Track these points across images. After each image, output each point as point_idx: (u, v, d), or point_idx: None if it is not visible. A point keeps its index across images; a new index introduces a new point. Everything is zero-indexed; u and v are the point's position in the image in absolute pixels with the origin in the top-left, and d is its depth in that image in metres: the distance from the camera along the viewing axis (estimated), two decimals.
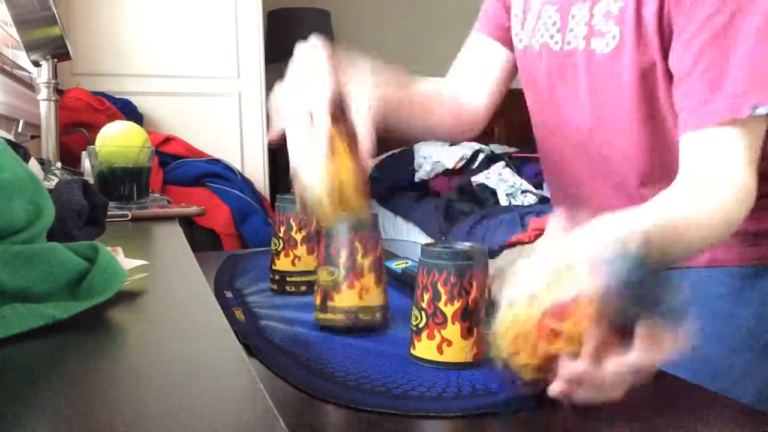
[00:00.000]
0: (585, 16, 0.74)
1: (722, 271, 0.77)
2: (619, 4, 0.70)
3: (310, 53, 0.62)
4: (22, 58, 1.75)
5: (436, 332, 0.53)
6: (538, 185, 2.59)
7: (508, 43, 0.89)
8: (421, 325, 0.54)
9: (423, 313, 0.53)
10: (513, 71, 0.90)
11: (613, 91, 0.73)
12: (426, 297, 0.53)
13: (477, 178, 2.66)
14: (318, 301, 0.63)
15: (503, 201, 2.57)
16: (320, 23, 3.34)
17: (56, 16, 1.41)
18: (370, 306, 0.62)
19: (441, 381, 0.50)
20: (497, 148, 2.92)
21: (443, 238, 2.50)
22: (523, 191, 2.58)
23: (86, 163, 1.43)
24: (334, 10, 3.47)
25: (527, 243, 2.20)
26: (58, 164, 1.46)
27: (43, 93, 1.54)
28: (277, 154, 2.80)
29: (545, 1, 0.79)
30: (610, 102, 0.74)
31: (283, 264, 0.77)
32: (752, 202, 0.64)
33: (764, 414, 0.47)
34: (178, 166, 2.14)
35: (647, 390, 0.51)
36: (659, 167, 0.74)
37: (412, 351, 0.55)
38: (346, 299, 0.62)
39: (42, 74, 1.53)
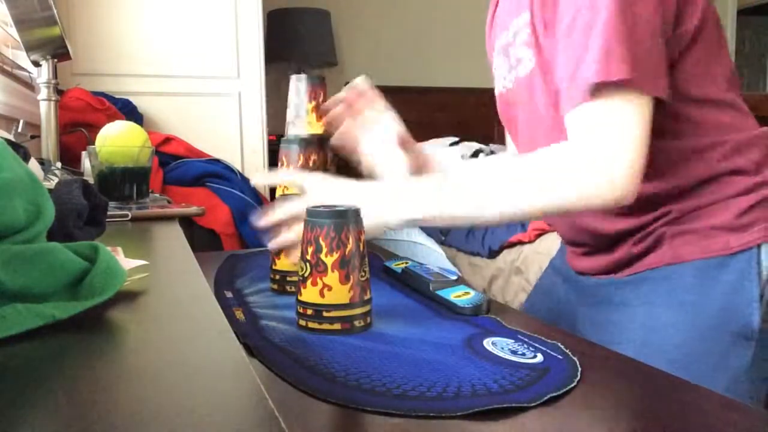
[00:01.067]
0: (515, 51, 0.86)
1: (685, 265, 0.81)
2: (527, 30, 0.81)
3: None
4: (22, 58, 1.75)
5: (318, 279, 0.62)
6: None
7: None
8: (306, 275, 0.63)
9: (307, 264, 0.62)
10: None
11: (540, 108, 0.83)
12: (310, 250, 0.62)
13: None
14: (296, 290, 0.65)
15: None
16: (320, 23, 3.34)
17: (56, 16, 1.41)
18: (336, 305, 0.63)
19: (441, 381, 0.50)
20: (497, 148, 2.93)
21: (443, 238, 2.50)
22: None
23: (86, 163, 1.43)
24: (334, 10, 3.47)
25: (527, 243, 2.20)
26: (58, 164, 1.46)
27: (43, 93, 1.54)
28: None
29: (496, 54, 0.93)
30: (542, 119, 0.83)
31: (283, 264, 0.77)
32: (598, 172, 0.70)
33: (759, 410, 0.47)
34: (178, 166, 2.14)
35: (647, 390, 0.51)
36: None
37: (298, 297, 0.64)
38: (308, 295, 0.63)
39: (42, 74, 1.53)
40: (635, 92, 0.70)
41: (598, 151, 0.70)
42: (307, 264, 0.63)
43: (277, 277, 0.78)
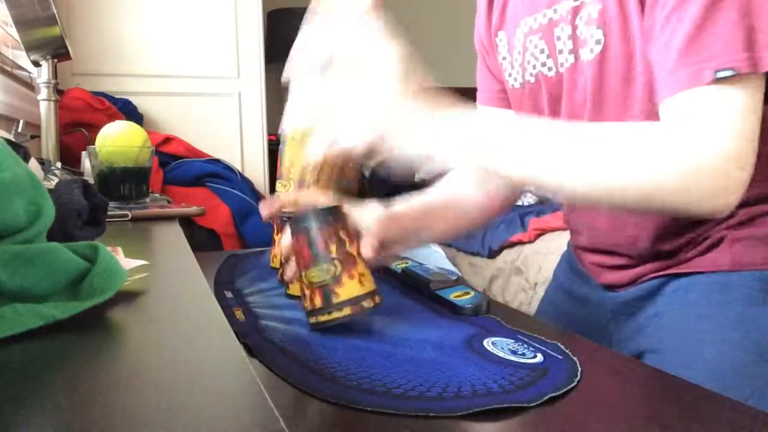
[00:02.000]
0: (568, 32, 0.72)
1: (745, 274, 0.72)
2: (598, 7, 0.68)
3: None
4: (22, 58, 1.75)
5: (353, 271, 0.62)
6: None
7: (504, 103, 0.90)
8: (338, 273, 0.61)
9: (336, 262, 0.62)
10: None
11: (607, 95, 0.71)
12: (333, 248, 0.62)
13: None
14: (318, 302, 0.62)
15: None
16: None
17: (56, 16, 1.41)
18: (371, 290, 0.62)
19: (441, 381, 0.50)
20: None
21: None
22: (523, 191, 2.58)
23: (86, 163, 1.44)
24: None
25: (527, 243, 2.20)
26: (58, 164, 1.46)
27: (43, 93, 1.54)
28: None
29: (527, 33, 0.78)
30: (608, 107, 0.71)
31: (295, 289, 0.74)
32: (715, 170, 0.56)
33: (759, 411, 0.47)
34: (178, 166, 2.14)
35: (647, 390, 0.51)
36: None
37: (335, 300, 0.61)
38: (349, 290, 0.61)
39: (42, 74, 1.53)
40: (758, 84, 0.59)
41: (716, 149, 0.57)
42: (336, 262, 0.62)
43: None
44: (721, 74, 0.57)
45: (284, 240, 0.68)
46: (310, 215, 0.63)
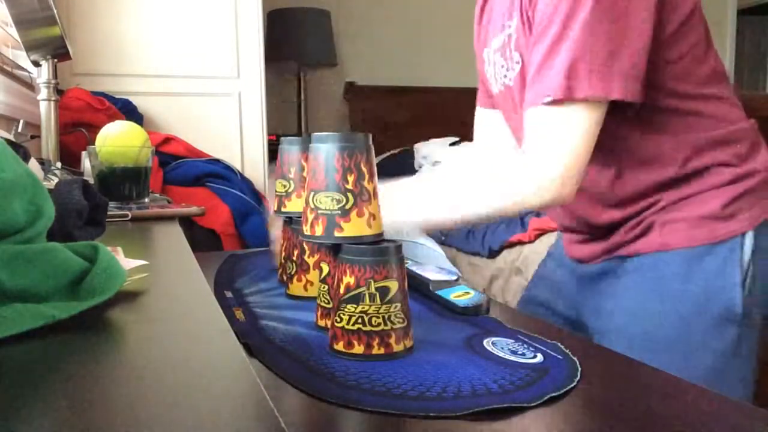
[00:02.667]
0: (509, 52, 0.89)
1: (672, 253, 0.85)
2: (515, 35, 0.85)
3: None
4: (22, 58, 1.75)
5: (364, 209, 0.58)
6: None
7: (490, 105, 1.07)
8: (348, 207, 0.57)
9: (350, 194, 0.57)
10: None
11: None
12: (351, 178, 0.57)
13: None
14: (319, 230, 0.58)
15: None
16: (320, 23, 3.34)
17: (56, 16, 1.41)
18: (378, 233, 0.59)
19: (441, 381, 0.50)
20: None
21: (443, 238, 2.50)
22: None
23: (86, 163, 1.43)
24: (334, 10, 3.47)
25: (527, 243, 2.21)
26: (58, 164, 1.46)
27: (43, 93, 1.54)
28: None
29: (494, 51, 0.95)
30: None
31: (295, 289, 0.74)
32: (545, 178, 0.77)
33: (759, 410, 0.47)
34: (178, 166, 2.14)
35: (647, 390, 0.51)
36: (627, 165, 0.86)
37: (336, 234, 0.57)
38: (355, 227, 0.57)
39: (42, 74, 1.53)
40: (589, 101, 0.76)
41: (531, 158, 0.78)
42: (349, 194, 0.57)
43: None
44: (546, 99, 0.76)
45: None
46: (336, 137, 0.57)
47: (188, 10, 2.43)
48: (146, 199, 1.09)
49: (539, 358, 0.56)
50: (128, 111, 2.23)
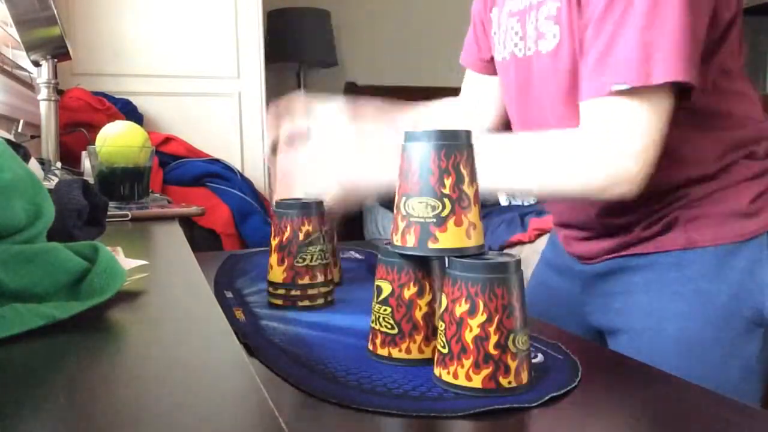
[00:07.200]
0: (534, 21, 0.81)
1: (698, 251, 0.80)
2: (557, 5, 0.77)
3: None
4: (22, 58, 1.75)
5: (462, 217, 0.51)
6: None
7: (484, 70, 1.04)
8: (444, 214, 0.50)
9: (447, 200, 0.51)
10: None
11: (561, 88, 0.79)
12: (448, 182, 0.51)
13: None
14: (411, 241, 0.52)
15: (503, 201, 2.57)
16: (320, 23, 3.34)
17: (56, 16, 1.41)
18: (478, 245, 0.52)
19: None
20: None
21: None
22: None
23: (86, 163, 1.43)
24: (334, 10, 3.47)
25: (527, 242, 2.21)
26: (58, 164, 1.46)
27: (43, 93, 1.54)
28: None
29: (509, 14, 0.87)
30: (562, 99, 0.80)
31: (275, 275, 0.71)
32: (611, 169, 0.70)
33: (762, 411, 0.47)
34: (178, 166, 2.14)
35: (647, 390, 0.51)
36: None
37: (431, 245, 0.51)
38: (452, 239, 0.51)
39: (42, 74, 1.53)
40: (661, 89, 0.69)
41: (609, 147, 0.70)
42: (446, 200, 0.51)
43: (280, 291, 0.70)
44: (616, 87, 0.68)
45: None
46: (432, 134, 0.51)
47: (188, 10, 2.43)
48: (146, 199, 1.09)
49: (539, 358, 0.56)
50: (128, 111, 2.23)
